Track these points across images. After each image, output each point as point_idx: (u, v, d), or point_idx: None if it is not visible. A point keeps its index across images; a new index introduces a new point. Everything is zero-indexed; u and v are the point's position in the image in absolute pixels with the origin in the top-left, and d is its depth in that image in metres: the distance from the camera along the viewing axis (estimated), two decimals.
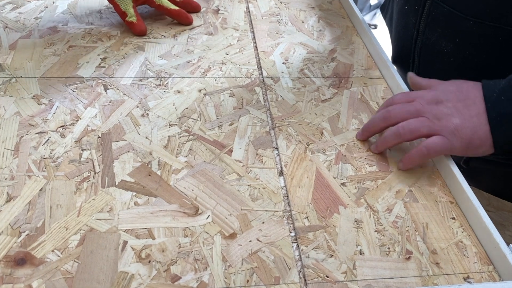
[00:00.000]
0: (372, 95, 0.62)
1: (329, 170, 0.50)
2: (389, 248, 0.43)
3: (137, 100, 0.58)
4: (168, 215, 0.44)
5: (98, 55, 0.65)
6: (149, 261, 0.40)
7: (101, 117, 0.55)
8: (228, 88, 0.61)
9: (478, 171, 0.65)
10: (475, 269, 0.42)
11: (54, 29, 0.70)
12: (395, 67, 0.65)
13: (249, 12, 0.80)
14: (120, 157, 0.49)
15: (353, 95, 0.62)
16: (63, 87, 0.59)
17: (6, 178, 0.46)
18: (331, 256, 0.42)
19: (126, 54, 0.66)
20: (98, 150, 0.50)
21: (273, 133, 0.55)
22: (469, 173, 0.58)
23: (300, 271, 0.40)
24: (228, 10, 0.80)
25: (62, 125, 0.53)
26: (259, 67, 0.66)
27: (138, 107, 0.57)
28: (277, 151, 0.52)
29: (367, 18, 2.72)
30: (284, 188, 0.48)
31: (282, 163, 0.51)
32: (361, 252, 0.42)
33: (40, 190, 0.45)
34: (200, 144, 0.52)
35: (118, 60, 0.65)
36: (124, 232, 0.42)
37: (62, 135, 0.51)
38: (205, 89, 0.61)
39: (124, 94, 0.58)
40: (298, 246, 0.42)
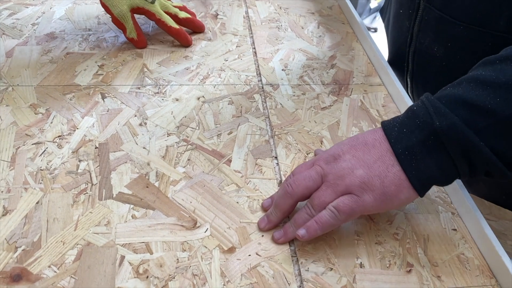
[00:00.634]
0: (372, 103, 0.62)
1: None
2: (389, 261, 0.42)
3: (135, 108, 0.57)
4: (166, 228, 0.43)
5: (96, 62, 0.65)
6: (147, 277, 0.39)
7: (98, 126, 0.54)
8: (227, 95, 0.61)
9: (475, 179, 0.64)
10: (478, 282, 0.41)
11: (51, 36, 0.69)
12: (394, 74, 0.64)
13: (249, 17, 0.79)
14: (118, 168, 0.49)
15: (353, 102, 0.62)
16: (60, 96, 0.58)
17: (2, 191, 0.45)
18: (331, 269, 0.41)
19: (124, 61, 0.65)
20: (95, 161, 0.49)
21: (272, 141, 0.54)
22: (467, 180, 0.58)
23: (300, 286, 0.40)
24: (227, 15, 0.79)
25: (59, 135, 0.52)
26: (258, 74, 0.65)
27: (136, 116, 0.56)
28: (276, 161, 0.52)
29: (367, 21, 2.72)
30: None
31: (281, 172, 0.50)
32: (361, 265, 0.42)
33: (37, 203, 0.45)
34: (199, 154, 0.52)
35: (116, 67, 0.64)
36: (122, 246, 0.41)
37: (59, 146, 0.51)
38: (203, 96, 0.60)
39: (122, 102, 0.58)
40: (297, 259, 0.42)
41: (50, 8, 0.76)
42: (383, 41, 0.80)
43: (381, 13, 0.83)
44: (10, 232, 0.42)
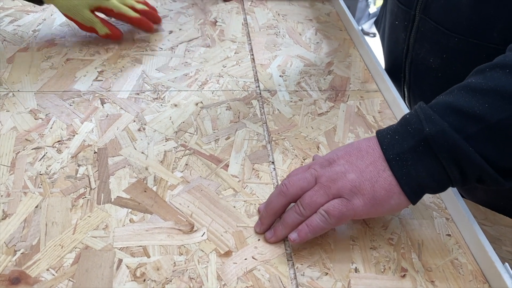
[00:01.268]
0: (368, 109, 0.62)
1: None
2: (384, 266, 0.43)
3: (133, 114, 0.58)
4: (164, 232, 0.44)
5: (95, 68, 0.65)
6: (144, 280, 0.40)
7: (97, 131, 0.55)
8: (225, 101, 0.62)
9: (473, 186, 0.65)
10: (471, 287, 0.42)
11: (51, 42, 0.70)
12: (391, 81, 0.65)
13: (247, 24, 0.80)
14: (116, 172, 0.50)
15: (349, 108, 0.62)
16: (60, 101, 0.59)
17: (2, 195, 0.46)
18: (326, 274, 0.42)
19: (123, 67, 0.66)
20: (94, 166, 0.50)
21: (269, 147, 0.55)
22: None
23: None
24: (225, 22, 0.80)
25: (59, 140, 0.53)
26: (256, 80, 0.66)
27: (134, 121, 0.57)
28: (273, 166, 0.53)
29: (366, 26, 2.73)
30: None
31: (278, 177, 0.51)
32: (356, 270, 0.42)
33: (36, 207, 0.45)
34: (196, 158, 0.52)
35: (115, 73, 0.65)
36: (119, 250, 0.42)
37: (59, 151, 0.52)
38: (202, 102, 0.61)
39: (121, 108, 0.59)
40: (293, 263, 0.42)
41: (51, 15, 0.77)
42: (380, 47, 0.81)
43: (375, 24, 0.84)
44: (9, 236, 0.42)
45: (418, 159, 0.40)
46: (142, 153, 0.52)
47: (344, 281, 0.41)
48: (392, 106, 0.63)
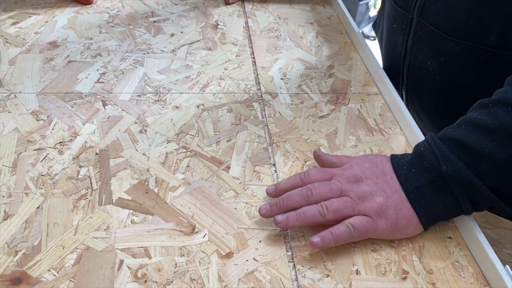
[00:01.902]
0: (369, 112, 0.63)
1: None
2: (385, 268, 0.43)
3: (135, 116, 0.58)
4: (165, 233, 0.44)
5: (97, 70, 0.66)
6: (145, 281, 0.40)
7: (99, 133, 0.55)
8: (226, 103, 0.62)
9: None
10: None
11: (53, 44, 0.70)
12: (391, 84, 0.65)
13: (248, 27, 0.80)
14: (118, 174, 0.50)
15: (350, 111, 0.62)
16: (62, 103, 0.59)
17: (3, 196, 0.46)
18: (328, 275, 0.42)
19: (125, 69, 0.66)
20: (95, 167, 0.50)
21: (270, 149, 0.55)
22: None
23: None
24: (227, 25, 0.81)
25: (60, 142, 0.53)
26: (257, 83, 0.66)
27: (136, 123, 0.57)
28: (274, 168, 0.53)
29: (366, 29, 2.74)
30: None
31: (279, 180, 0.51)
32: (357, 272, 0.42)
33: (37, 208, 0.45)
34: (198, 160, 0.52)
35: (117, 75, 0.65)
36: (121, 251, 0.42)
37: (60, 152, 0.52)
38: (203, 104, 0.61)
39: (123, 110, 0.59)
40: (294, 265, 0.42)
41: (53, 18, 0.77)
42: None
43: (373, 27, 0.84)
44: (10, 236, 0.43)
45: (434, 193, 0.44)
46: (144, 154, 0.52)
47: (346, 283, 0.41)
48: (392, 109, 0.63)
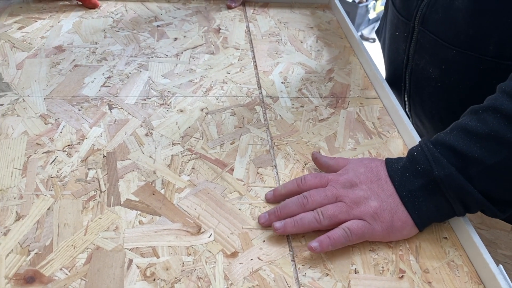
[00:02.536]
0: (368, 115, 0.64)
1: None
2: (383, 267, 0.45)
3: (141, 119, 0.60)
4: (172, 233, 0.46)
5: (103, 74, 0.67)
6: (154, 279, 0.41)
7: (106, 136, 0.56)
8: (230, 107, 0.63)
9: None
10: None
11: (59, 49, 0.72)
12: (390, 88, 0.67)
13: (249, 31, 0.82)
14: (125, 176, 0.51)
15: (349, 115, 0.64)
16: (69, 106, 0.60)
17: (15, 197, 0.48)
18: (327, 274, 0.44)
19: (130, 73, 0.68)
20: (103, 169, 0.52)
21: (272, 152, 0.57)
22: None
23: None
24: (229, 29, 0.82)
25: (69, 145, 0.55)
26: (259, 86, 0.68)
27: (142, 126, 0.59)
28: (275, 170, 0.54)
29: (365, 32, 2.76)
30: None
31: (280, 182, 0.53)
32: (356, 271, 0.44)
33: (48, 209, 0.47)
34: (203, 163, 0.54)
35: (122, 79, 0.67)
36: (130, 250, 0.44)
37: (69, 155, 0.53)
38: (207, 108, 0.63)
39: (129, 113, 0.60)
40: (295, 265, 0.44)
41: (58, 22, 0.79)
42: (380, 54, 0.83)
43: (377, 33, 0.86)
44: (23, 237, 0.44)
45: (428, 196, 0.46)
46: (150, 157, 0.54)
47: (344, 282, 0.43)
48: (391, 112, 0.65)
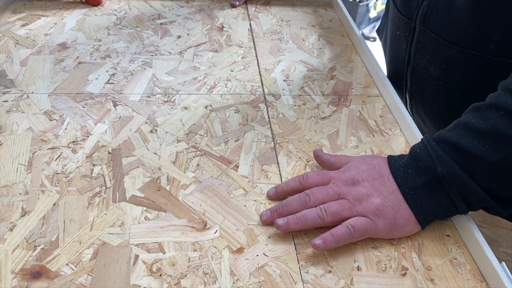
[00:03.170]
0: (370, 113, 0.65)
1: None
2: (385, 265, 0.45)
3: (145, 116, 0.60)
4: (178, 229, 0.46)
5: (107, 71, 0.67)
6: (160, 275, 0.42)
7: (111, 133, 0.57)
8: (234, 104, 0.64)
9: None
10: (469, 285, 0.44)
11: (63, 46, 0.72)
12: (392, 86, 0.67)
13: (251, 29, 0.82)
14: (130, 172, 0.52)
15: (351, 113, 0.65)
16: (74, 103, 0.61)
17: (20, 193, 0.48)
18: (330, 271, 0.44)
19: (134, 70, 0.68)
20: (108, 166, 0.52)
21: (274, 149, 0.57)
22: None
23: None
24: (232, 27, 0.83)
25: (74, 141, 0.55)
26: (261, 84, 0.68)
27: (146, 123, 0.59)
28: (278, 168, 0.55)
29: (366, 30, 2.76)
30: None
31: (282, 179, 0.53)
32: (358, 268, 0.44)
33: (54, 204, 0.47)
34: (207, 159, 0.54)
35: (126, 76, 0.67)
36: (136, 246, 0.44)
37: (74, 151, 0.54)
38: (211, 105, 0.63)
39: (133, 110, 0.61)
40: (298, 261, 0.44)
41: (62, 19, 0.79)
42: (381, 52, 0.83)
43: (377, 33, 0.86)
44: (29, 232, 0.44)
45: (430, 193, 0.46)
46: (155, 153, 0.54)
47: (347, 279, 0.43)
48: (393, 110, 0.65)
